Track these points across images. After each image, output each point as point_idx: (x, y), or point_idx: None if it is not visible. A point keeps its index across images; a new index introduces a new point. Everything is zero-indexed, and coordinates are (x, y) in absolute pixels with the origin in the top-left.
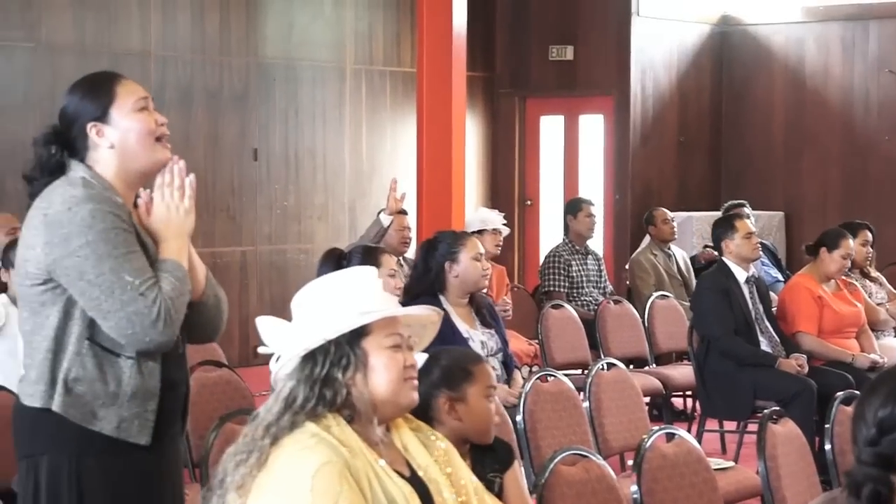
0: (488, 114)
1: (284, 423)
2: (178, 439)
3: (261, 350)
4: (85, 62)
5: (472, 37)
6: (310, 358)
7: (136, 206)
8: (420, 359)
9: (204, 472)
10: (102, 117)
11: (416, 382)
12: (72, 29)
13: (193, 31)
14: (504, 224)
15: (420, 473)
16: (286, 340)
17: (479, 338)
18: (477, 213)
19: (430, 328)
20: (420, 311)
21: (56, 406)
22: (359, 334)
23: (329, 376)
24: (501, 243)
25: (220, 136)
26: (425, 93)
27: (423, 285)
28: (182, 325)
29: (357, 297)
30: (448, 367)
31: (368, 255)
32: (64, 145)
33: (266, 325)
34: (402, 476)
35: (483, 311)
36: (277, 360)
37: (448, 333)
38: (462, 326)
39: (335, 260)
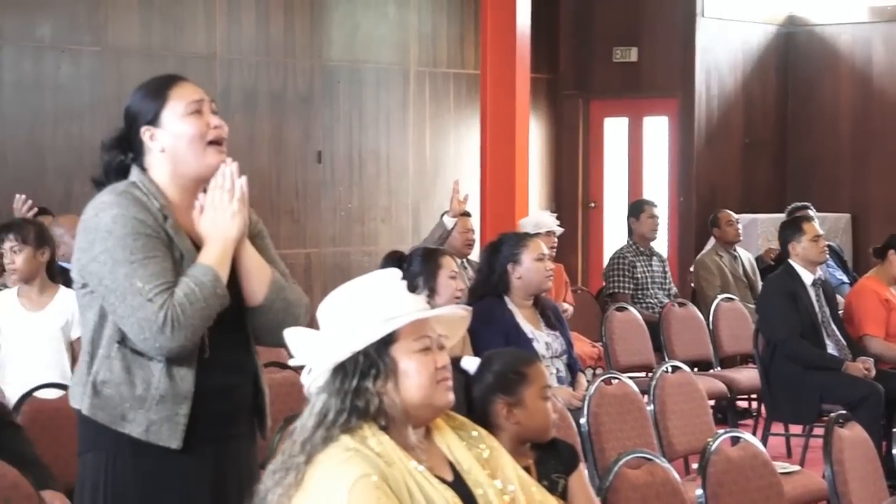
0: (552, 116)
1: (318, 439)
2: (245, 441)
3: (290, 363)
4: (151, 65)
5: (535, 38)
6: (339, 370)
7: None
8: (472, 363)
9: None
10: (154, 121)
11: (450, 383)
12: (138, 32)
13: (258, 34)
14: (558, 226)
15: (464, 476)
16: (315, 352)
17: (543, 339)
18: (530, 216)
19: (460, 322)
20: (445, 310)
21: (85, 408)
22: (386, 342)
23: (360, 387)
24: (556, 245)
25: (284, 139)
26: (489, 95)
27: (487, 287)
28: (247, 327)
29: (381, 304)
30: (502, 372)
31: (429, 257)
32: (128, 149)
33: (294, 338)
34: (444, 480)
35: (548, 313)
36: (309, 372)
37: (513, 334)
38: (527, 327)
39: (395, 262)
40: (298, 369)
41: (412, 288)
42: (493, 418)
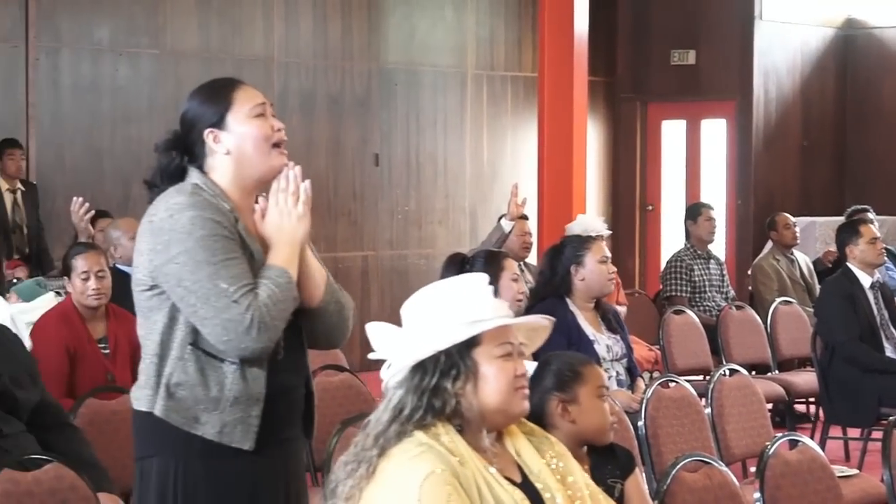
0: (609, 119)
1: (392, 433)
2: (297, 444)
3: (371, 356)
4: (209, 68)
5: (593, 41)
6: (419, 367)
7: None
8: (530, 367)
9: (325, 476)
10: (219, 123)
11: (526, 391)
12: (196, 35)
13: (316, 37)
14: (607, 230)
15: (532, 479)
16: (396, 348)
17: (604, 342)
18: (577, 221)
19: (540, 332)
20: (530, 319)
21: (158, 410)
22: (469, 344)
23: (438, 386)
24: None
25: (341, 142)
26: (546, 98)
27: (549, 288)
28: (302, 330)
29: (468, 306)
30: (558, 371)
31: (491, 259)
32: (184, 151)
33: (376, 332)
34: (514, 482)
35: (609, 317)
36: (388, 367)
37: (574, 336)
38: (588, 329)
39: (458, 264)
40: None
41: None
42: (548, 417)
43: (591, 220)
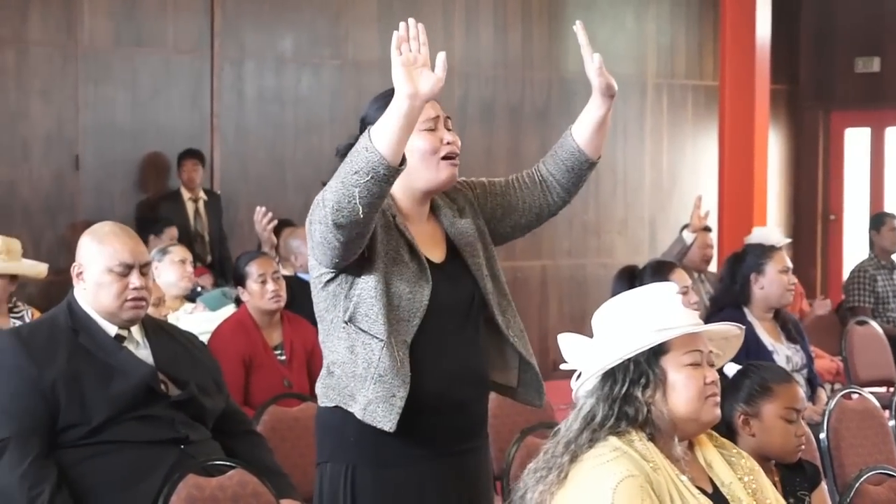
0: (791, 127)
1: (583, 440)
2: (477, 455)
3: (563, 367)
4: (390, 78)
5: (775, 49)
6: (609, 376)
7: (432, 208)
8: (734, 369)
9: (505, 485)
10: None
11: (717, 399)
12: (378, 45)
13: (496, 47)
14: (786, 240)
15: (723, 490)
16: (586, 358)
17: (784, 352)
18: (755, 233)
19: (733, 341)
20: (721, 326)
21: (320, 389)
22: (658, 352)
23: (628, 395)
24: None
25: (521, 151)
26: (727, 106)
27: (728, 297)
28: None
29: (656, 314)
30: (749, 383)
31: (659, 270)
32: None
33: (567, 343)
34: (705, 492)
35: (789, 327)
36: (578, 377)
37: (752, 345)
38: (767, 339)
39: (628, 277)
40: None
41: None
42: (733, 426)
43: (770, 231)
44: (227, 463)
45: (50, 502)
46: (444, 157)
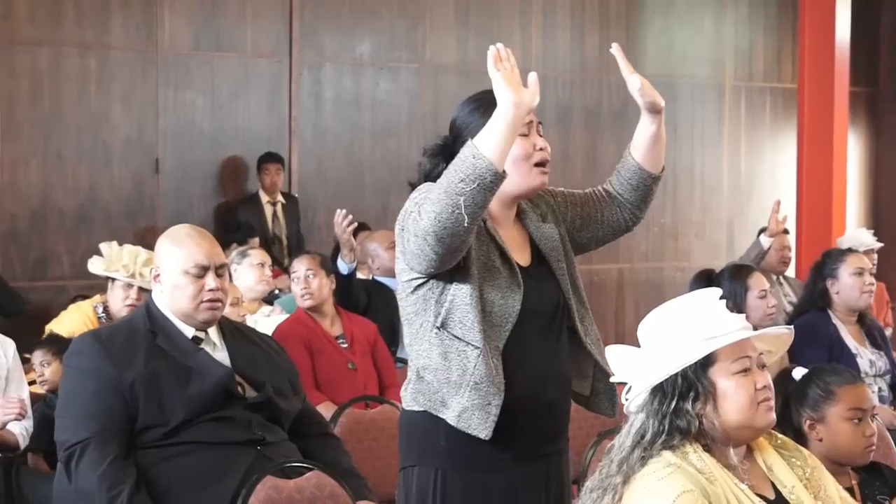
0: (871, 130)
1: (635, 459)
2: (561, 457)
3: (612, 380)
4: (467, 82)
5: (854, 51)
6: (658, 390)
7: (518, 212)
8: (801, 372)
9: (581, 488)
10: None
11: (771, 403)
12: (455, 49)
13: (573, 50)
14: (877, 243)
15: (785, 494)
16: (635, 370)
17: (867, 356)
18: (847, 234)
19: (784, 338)
20: (768, 330)
21: (409, 394)
22: (704, 364)
23: (678, 408)
24: (876, 263)
25: (597, 154)
26: (806, 109)
27: (810, 302)
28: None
29: (700, 323)
30: (813, 387)
31: (736, 275)
32: (449, 158)
33: (615, 355)
34: (766, 498)
35: (874, 332)
36: (628, 391)
37: (836, 348)
38: (851, 342)
39: (705, 281)
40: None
41: None
42: (801, 432)
43: (859, 233)
44: (305, 465)
45: (129, 502)
46: (536, 164)
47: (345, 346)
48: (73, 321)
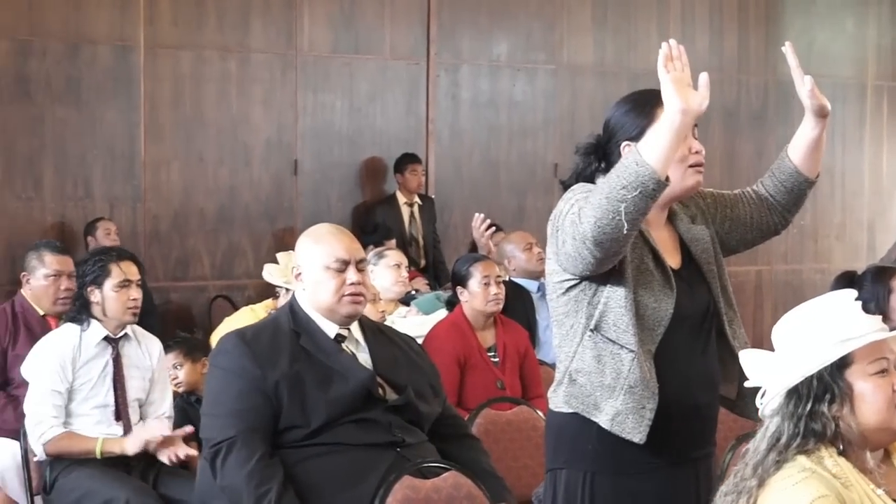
0: None
1: (770, 462)
2: (710, 461)
3: (746, 385)
4: (604, 83)
5: None
6: (793, 393)
7: (669, 214)
8: None
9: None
10: (638, 137)
11: None
12: (592, 50)
13: (711, 50)
14: None
15: None
16: (769, 374)
17: None
18: None
19: None
20: None
21: (561, 397)
22: (840, 366)
23: (814, 411)
24: None
25: (736, 155)
26: None
27: None
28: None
29: (835, 325)
30: None
31: (879, 276)
32: (602, 157)
33: (749, 359)
34: None
35: None
36: (762, 395)
37: None
38: None
39: (846, 283)
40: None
41: (864, 311)
42: None
43: None
44: (442, 465)
45: (278, 501)
46: (691, 165)
47: (496, 360)
48: (244, 324)
